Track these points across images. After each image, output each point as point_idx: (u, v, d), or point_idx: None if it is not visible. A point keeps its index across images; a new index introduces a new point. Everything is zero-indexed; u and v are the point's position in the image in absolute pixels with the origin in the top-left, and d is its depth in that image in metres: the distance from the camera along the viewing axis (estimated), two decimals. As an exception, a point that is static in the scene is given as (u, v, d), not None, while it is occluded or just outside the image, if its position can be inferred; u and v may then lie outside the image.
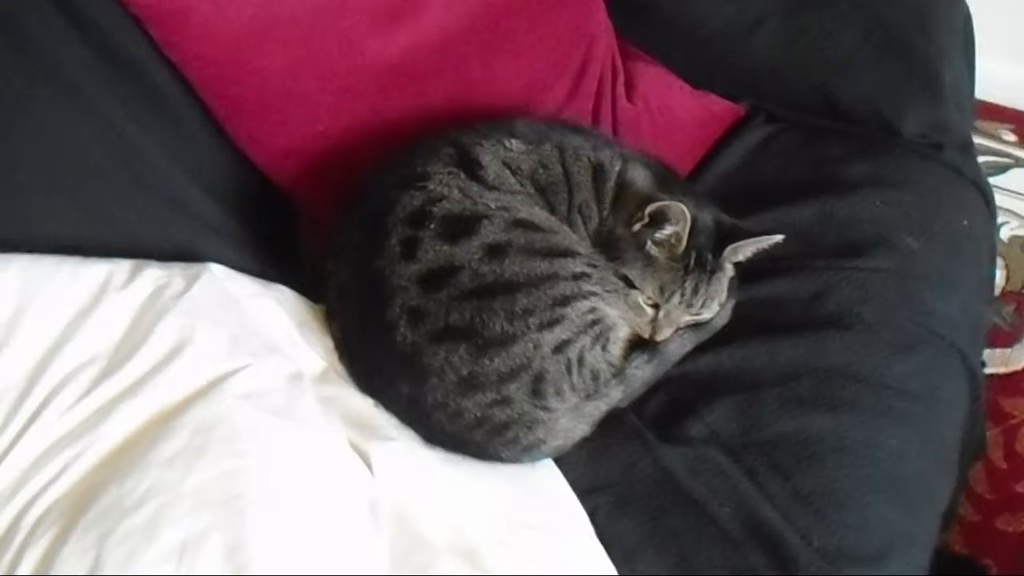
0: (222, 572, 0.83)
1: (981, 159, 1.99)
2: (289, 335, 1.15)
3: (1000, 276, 2.17)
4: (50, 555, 0.85)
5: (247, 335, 1.09)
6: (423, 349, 1.12)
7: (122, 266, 1.08)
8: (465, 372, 1.11)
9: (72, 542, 0.85)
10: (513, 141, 1.27)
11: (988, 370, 1.92)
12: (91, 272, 1.05)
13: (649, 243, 1.22)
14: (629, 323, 1.25)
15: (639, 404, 1.23)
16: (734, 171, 1.54)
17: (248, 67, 1.25)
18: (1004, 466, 1.83)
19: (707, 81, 1.64)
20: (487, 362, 1.11)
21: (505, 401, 1.13)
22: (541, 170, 1.26)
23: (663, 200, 1.19)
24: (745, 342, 1.28)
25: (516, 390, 1.13)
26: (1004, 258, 2.21)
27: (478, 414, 1.12)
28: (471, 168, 1.22)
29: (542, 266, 1.16)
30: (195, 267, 1.13)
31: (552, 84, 1.51)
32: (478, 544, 1.02)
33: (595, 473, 1.17)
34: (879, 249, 1.37)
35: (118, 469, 0.90)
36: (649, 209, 1.20)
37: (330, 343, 1.19)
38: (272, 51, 1.25)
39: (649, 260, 1.22)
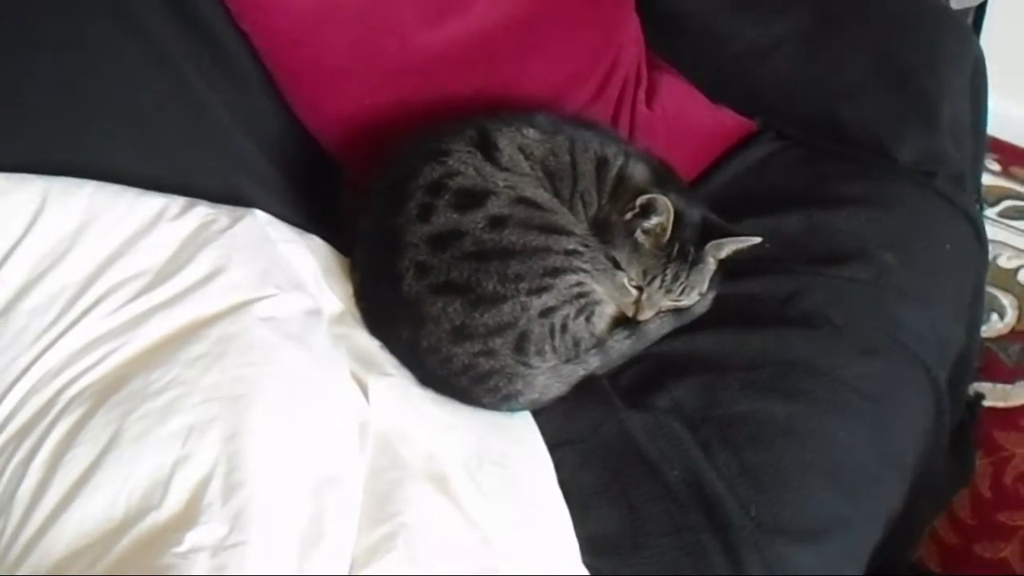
0: (218, 454, 0.95)
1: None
2: (315, 277, 1.25)
3: (1011, 315, 2.25)
4: (80, 424, 0.97)
5: (276, 271, 1.19)
6: (424, 299, 1.26)
7: (176, 201, 1.18)
8: (458, 322, 1.25)
9: (100, 415, 0.97)
10: (531, 130, 1.41)
11: (987, 403, 2.01)
12: (149, 203, 1.16)
13: (638, 231, 1.35)
14: (614, 301, 1.38)
15: (615, 374, 1.33)
16: (734, 180, 1.65)
17: (309, 41, 1.37)
18: (989, 495, 1.89)
19: (725, 96, 1.76)
20: (477, 316, 1.25)
21: (490, 352, 1.27)
22: (551, 158, 1.40)
23: (652, 194, 1.33)
24: (719, 330, 1.39)
25: (501, 344, 1.27)
26: (1017, 297, 2.29)
27: (465, 361, 1.26)
28: (488, 149, 1.36)
29: (538, 239, 1.30)
30: (240, 210, 1.23)
31: (578, 88, 1.63)
32: (448, 472, 1.11)
33: (565, 429, 1.29)
34: (857, 261, 1.47)
35: (149, 363, 1.02)
36: (640, 200, 1.33)
37: (350, 289, 1.30)
38: (332, 30, 1.38)
39: (636, 246, 1.35)
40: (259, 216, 1.24)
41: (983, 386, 2.05)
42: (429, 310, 1.26)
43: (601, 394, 1.33)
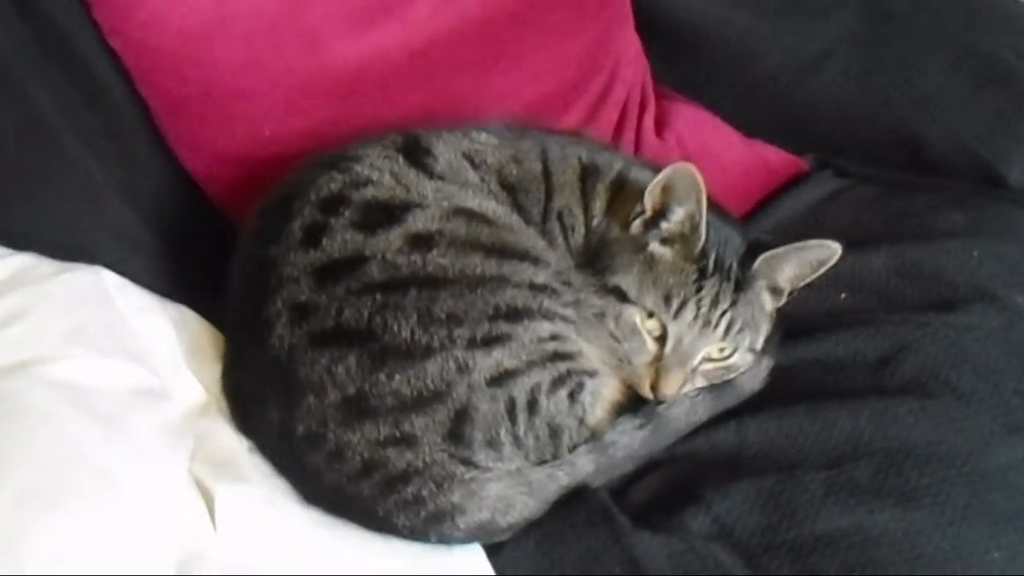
0: None
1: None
2: (171, 355, 0.97)
3: None
4: None
5: (99, 333, 0.91)
6: (299, 356, 0.81)
7: None
8: (352, 390, 0.80)
9: None
10: (483, 134, 1.01)
11: None
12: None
13: (653, 244, 0.91)
14: (616, 369, 0.91)
15: (622, 489, 0.91)
16: (792, 222, 1.23)
17: (196, 60, 1.11)
18: None
19: (762, 129, 1.37)
20: (383, 378, 0.79)
21: (406, 440, 0.79)
22: (512, 166, 0.99)
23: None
24: (784, 412, 0.93)
25: (425, 427, 0.79)
26: None
27: (366, 455, 0.79)
28: (415, 155, 0.96)
29: (485, 265, 0.85)
30: (79, 266, 0.98)
31: (559, 110, 1.28)
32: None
33: (538, 571, 0.82)
34: (977, 305, 1.02)
35: None
36: (648, 191, 0.91)
37: (224, 373, 0.97)
38: (226, 44, 1.11)
39: (651, 263, 0.91)
40: (105, 277, 0.99)
41: None
42: (308, 373, 0.81)
43: (596, 510, 0.83)
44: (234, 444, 0.87)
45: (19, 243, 0.97)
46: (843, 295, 1.05)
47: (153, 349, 0.94)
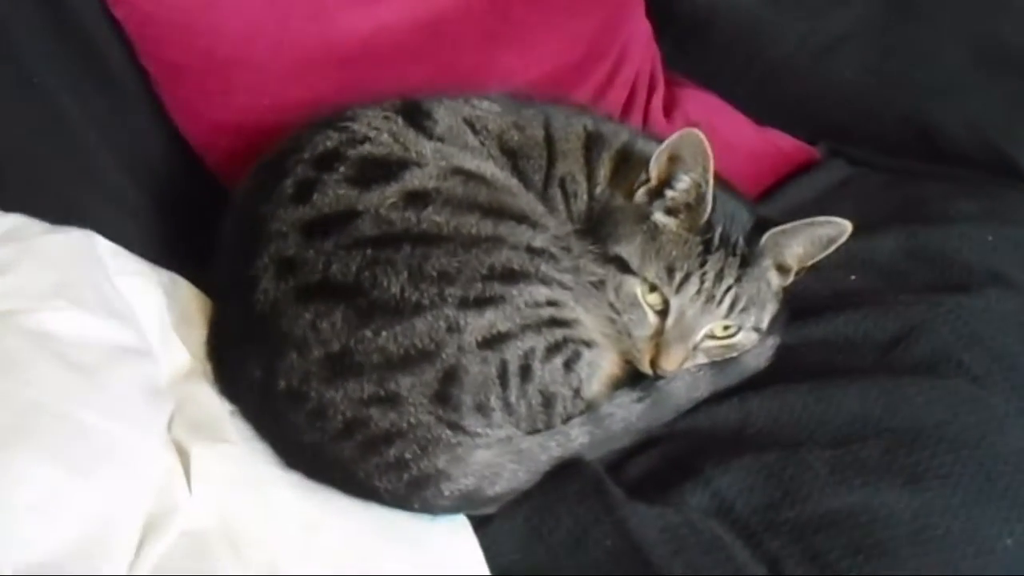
0: None
1: None
2: (158, 320, 0.94)
3: None
4: None
5: (86, 289, 0.88)
6: (284, 310, 0.78)
7: None
8: (336, 347, 0.76)
9: None
10: (485, 101, 0.99)
11: None
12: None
13: (656, 214, 0.88)
14: (615, 341, 0.88)
15: (618, 464, 0.86)
16: (802, 208, 1.17)
17: (198, 29, 1.08)
18: None
19: (775, 117, 1.35)
20: (369, 335, 0.76)
21: (390, 400, 0.76)
22: (514, 131, 0.96)
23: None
24: (788, 388, 0.90)
25: (411, 387, 0.76)
26: None
27: (348, 414, 0.76)
28: (416, 118, 0.93)
29: (481, 225, 0.82)
30: (71, 228, 0.95)
31: (570, 87, 1.24)
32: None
33: (529, 552, 0.78)
34: (992, 288, 0.98)
35: None
36: (655, 158, 0.87)
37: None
38: (230, 14, 1.09)
39: (654, 233, 0.87)
40: (97, 240, 0.97)
41: None
42: (292, 327, 0.78)
43: (588, 481, 0.80)
44: (216, 408, 0.84)
45: (11, 205, 0.94)
46: (852, 276, 1.01)
47: (140, 312, 0.92)
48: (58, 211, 0.98)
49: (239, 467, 0.75)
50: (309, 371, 0.76)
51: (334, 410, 0.76)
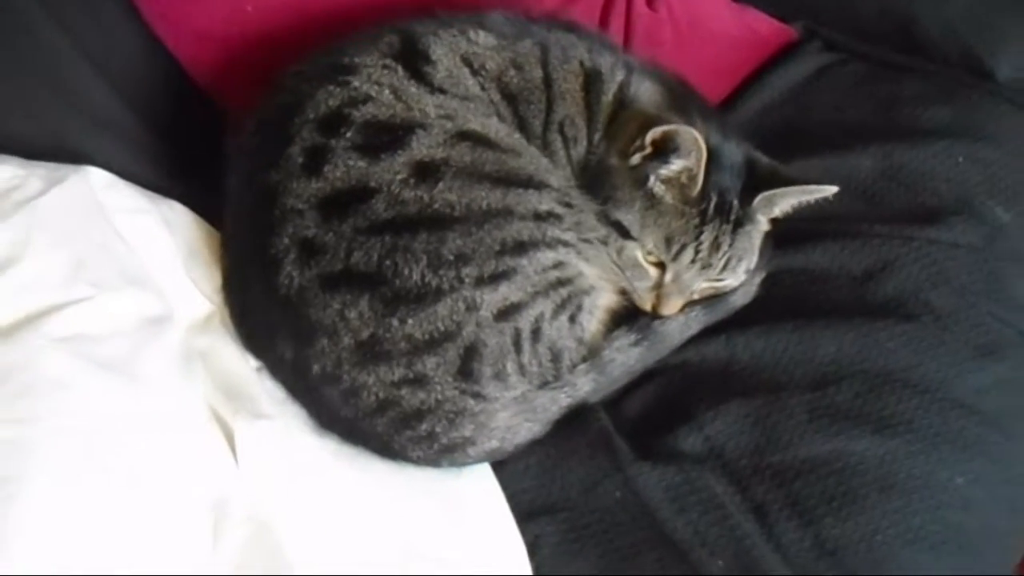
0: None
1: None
2: (170, 264, 0.94)
3: None
4: None
5: (100, 260, 0.87)
6: (311, 298, 0.81)
7: None
8: (365, 335, 0.80)
9: None
10: (481, 33, 0.97)
11: None
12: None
13: (652, 179, 0.90)
14: (618, 287, 0.93)
15: (617, 401, 0.94)
16: (778, 104, 1.21)
17: None
18: None
19: None
20: (396, 323, 0.80)
21: (419, 380, 0.81)
22: (513, 72, 0.95)
23: (670, 123, 0.87)
24: (771, 327, 0.97)
25: (436, 367, 0.81)
26: None
27: (380, 395, 0.81)
28: (415, 62, 0.91)
29: (491, 197, 0.84)
30: (65, 169, 0.94)
31: None
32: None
33: (543, 491, 0.87)
34: (958, 218, 1.04)
35: None
36: (650, 135, 0.88)
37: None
38: None
39: (652, 201, 0.91)
40: (93, 177, 0.95)
41: None
42: (320, 316, 0.81)
43: (597, 436, 0.88)
44: (240, 365, 0.88)
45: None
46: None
47: (151, 261, 0.92)
48: (47, 139, 0.97)
49: (282, 448, 0.81)
50: (341, 357, 0.81)
51: (367, 392, 0.81)
